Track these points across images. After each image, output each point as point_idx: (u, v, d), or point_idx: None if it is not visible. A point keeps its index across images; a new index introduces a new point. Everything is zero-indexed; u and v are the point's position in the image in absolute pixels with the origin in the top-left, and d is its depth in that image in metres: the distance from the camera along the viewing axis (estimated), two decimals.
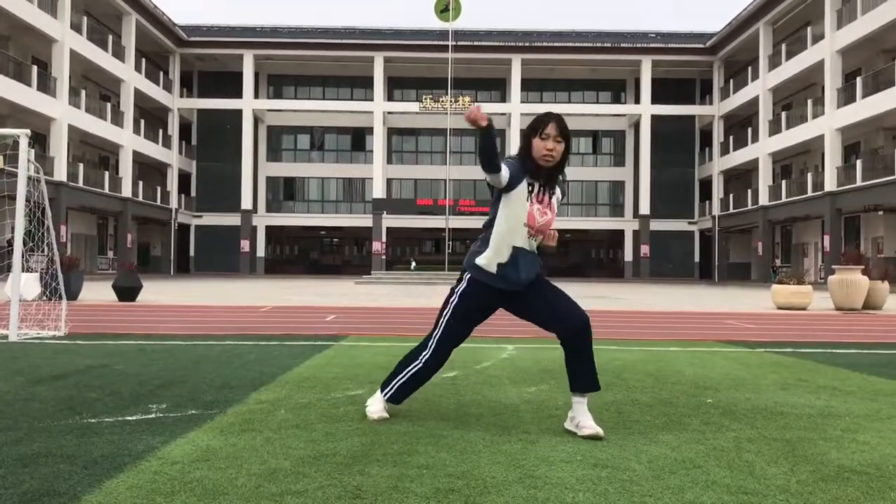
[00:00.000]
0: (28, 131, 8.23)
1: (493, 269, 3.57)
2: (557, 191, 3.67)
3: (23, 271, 15.61)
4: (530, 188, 3.55)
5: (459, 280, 3.72)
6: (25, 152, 8.13)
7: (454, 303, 3.66)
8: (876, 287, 16.82)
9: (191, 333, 8.94)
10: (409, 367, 3.74)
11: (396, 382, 3.76)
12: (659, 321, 12.39)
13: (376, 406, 3.80)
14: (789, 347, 8.11)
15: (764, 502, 2.53)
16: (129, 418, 3.78)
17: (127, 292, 16.14)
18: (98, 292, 18.94)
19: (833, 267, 17.77)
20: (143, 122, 44.71)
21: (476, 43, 48.95)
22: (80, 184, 36.83)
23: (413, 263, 42.51)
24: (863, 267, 17.01)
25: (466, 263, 3.67)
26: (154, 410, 4.00)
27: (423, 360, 3.69)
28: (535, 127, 3.58)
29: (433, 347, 3.68)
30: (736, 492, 2.64)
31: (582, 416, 3.52)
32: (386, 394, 3.78)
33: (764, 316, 14.05)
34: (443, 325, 3.68)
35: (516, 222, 3.54)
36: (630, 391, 4.87)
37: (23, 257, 8.52)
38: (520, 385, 5.07)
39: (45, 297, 13.39)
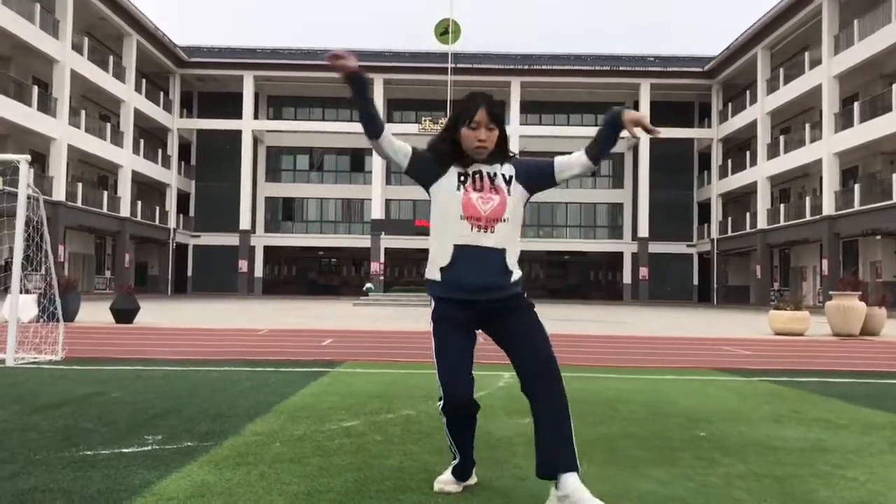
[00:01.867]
0: (28, 157, 8.30)
1: (437, 276, 3.03)
2: (506, 166, 3.12)
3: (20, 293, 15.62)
4: (462, 178, 3.03)
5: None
6: (25, 177, 8.19)
7: (432, 331, 3.10)
8: (873, 313, 16.85)
9: (187, 358, 8.95)
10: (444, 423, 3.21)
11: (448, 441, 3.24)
12: (655, 347, 12.41)
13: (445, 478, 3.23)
14: (785, 376, 8.14)
15: None
16: (126, 450, 3.80)
17: (124, 314, 16.15)
18: (95, 314, 18.94)
19: (830, 293, 17.81)
20: (142, 141, 44.90)
21: (475, 65, 49.26)
22: (79, 203, 36.92)
23: (369, 286, 41.87)
24: (860, 293, 17.05)
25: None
26: (150, 442, 4.02)
27: (440, 410, 3.14)
28: (461, 115, 3.08)
29: (440, 390, 3.08)
30: None
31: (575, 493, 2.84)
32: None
33: (761, 342, 14.07)
34: (434, 361, 3.09)
35: (451, 218, 2.99)
36: (623, 423, 4.90)
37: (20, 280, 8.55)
38: (514, 416, 5.09)
39: (42, 320, 13.42)
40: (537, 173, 3.16)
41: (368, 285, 42.16)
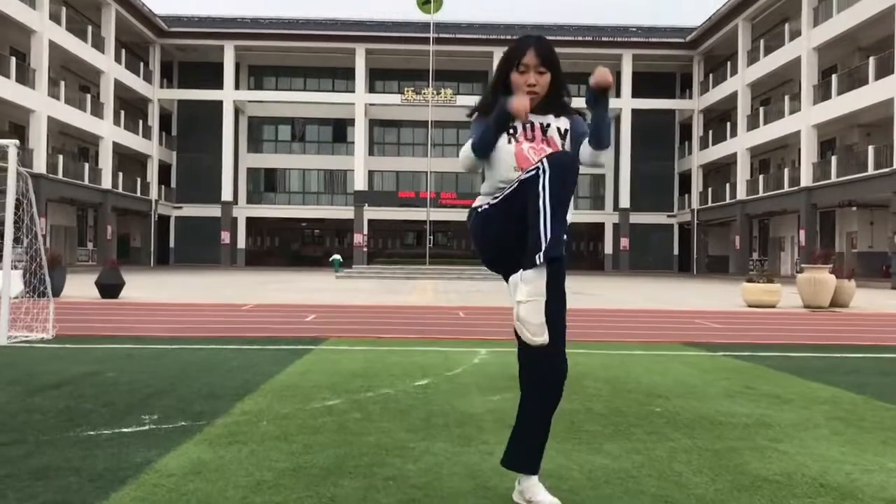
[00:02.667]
0: (17, 141, 8.51)
1: None
2: (562, 119, 3.01)
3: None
4: (512, 129, 2.92)
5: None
6: (14, 161, 8.41)
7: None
8: (843, 286, 17.35)
9: (176, 336, 9.27)
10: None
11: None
12: (628, 320, 12.85)
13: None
14: (748, 350, 8.56)
15: None
16: (126, 430, 4.13)
17: (109, 289, 16.40)
18: (80, 287, 19.15)
19: (802, 266, 18.31)
20: (123, 112, 44.74)
21: (458, 35, 49.24)
22: (60, 175, 36.86)
23: (336, 258, 42.00)
24: (830, 266, 17.56)
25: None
26: (147, 422, 4.36)
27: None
28: (511, 58, 2.96)
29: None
30: (660, 500, 3.05)
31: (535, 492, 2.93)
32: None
33: (732, 314, 14.55)
34: None
35: (506, 171, 2.89)
36: (586, 400, 5.28)
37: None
38: (486, 393, 5.46)
39: (27, 296, 13.69)
40: (578, 142, 2.97)
41: (335, 257, 42.71)
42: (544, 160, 2.74)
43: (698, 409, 5.03)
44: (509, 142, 2.91)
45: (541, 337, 2.70)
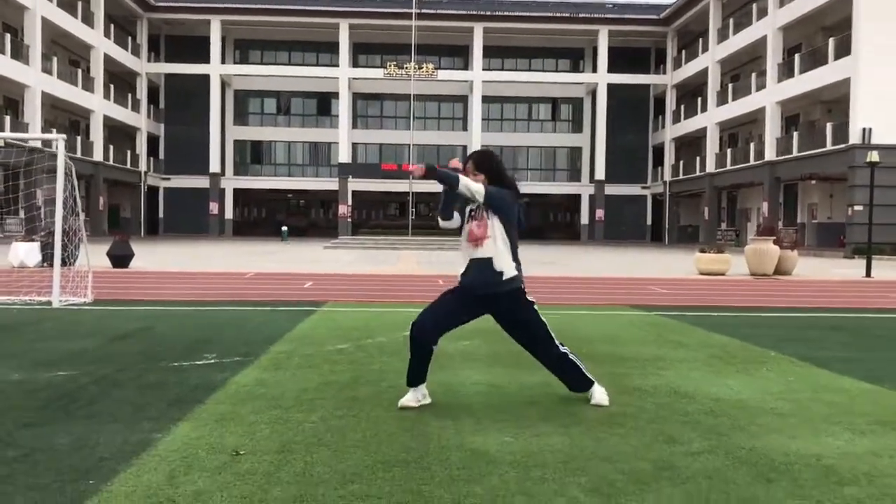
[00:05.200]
0: (64, 136, 10.03)
1: (459, 277, 4.71)
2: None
3: (24, 241, 17.34)
4: (470, 213, 4.59)
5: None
6: (63, 153, 9.93)
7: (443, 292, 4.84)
8: (786, 255, 19.19)
9: (196, 300, 10.89)
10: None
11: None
12: (590, 287, 14.59)
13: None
14: (678, 311, 10.31)
15: (573, 405, 4.64)
16: (198, 363, 5.80)
17: (120, 260, 17.95)
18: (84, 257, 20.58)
19: (749, 238, 20.12)
20: (112, 86, 45.75)
21: (439, 11, 50.42)
22: (53, 149, 37.87)
23: (284, 230, 45.17)
24: (774, 237, 19.38)
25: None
26: (210, 358, 6.02)
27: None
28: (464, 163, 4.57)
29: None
30: (564, 400, 4.75)
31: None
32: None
33: (683, 281, 16.33)
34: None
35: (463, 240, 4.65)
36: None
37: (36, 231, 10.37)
38: (457, 341, 7.09)
39: (44, 265, 15.33)
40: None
41: (284, 228, 44.74)
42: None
43: (613, 350, 6.76)
44: (467, 221, 4.60)
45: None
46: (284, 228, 45.06)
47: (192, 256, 24.34)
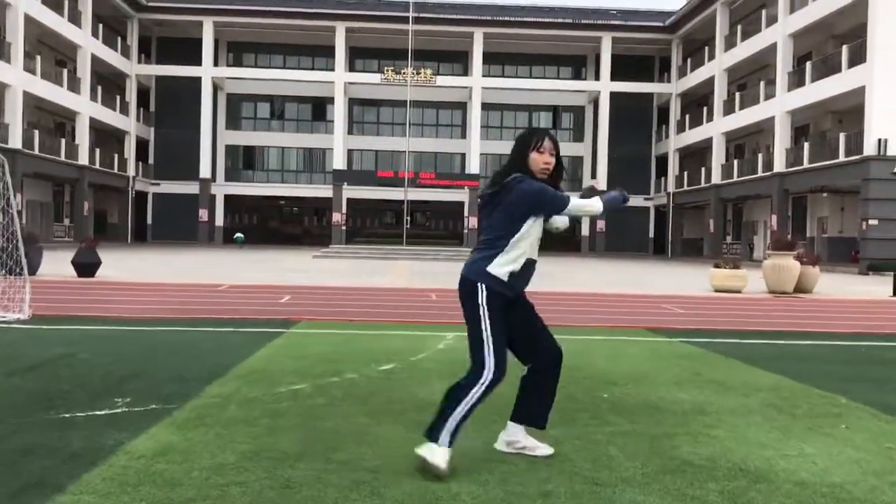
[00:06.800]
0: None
1: (505, 278, 3.61)
2: None
3: None
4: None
5: (471, 292, 3.63)
6: None
7: (485, 314, 3.58)
8: (807, 272, 17.80)
9: (151, 317, 9.46)
10: (467, 398, 3.53)
11: (454, 423, 3.50)
12: (596, 305, 13.17)
13: (439, 457, 3.42)
14: (705, 337, 8.90)
15: (605, 491, 3.23)
16: (99, 413, 4.37)
17: (86, 268, 16.51)
18: (56, 265, 19.18)
19: (767, 252, 18.73)
20: (100, 88, 44.38)
21: (438, 15, 49.15)
22: (36, 151, 36.60)
23: (239, 236, 44.25)
24: (795, 252, 17.99)
25: (474, 271, 3.63)
26: (120, 405, 4.59)
27: (485, 381, 3.53)
28: (529, 142, 3.72)
29: (493, 361, 3.54)
30: (589, 482, 3.34)
31: (525, 440, 3.80)
32: (450, 440, 3.47)
33: (698, 300, 14.93)
34: (489, 336, 3.57)
35: (536, 239, 3.71)
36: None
37: None
38: (445, 380, 5.68)
39: (2, 274, 13.80)
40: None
41: (238, 235, 43.51)
42: None
43: (645, 395, 5.34)
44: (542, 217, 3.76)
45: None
46: (239, 235, 43.91)
47: (170, 265, 22.89)
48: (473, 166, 49.62)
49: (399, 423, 4.30)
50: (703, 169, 46.96)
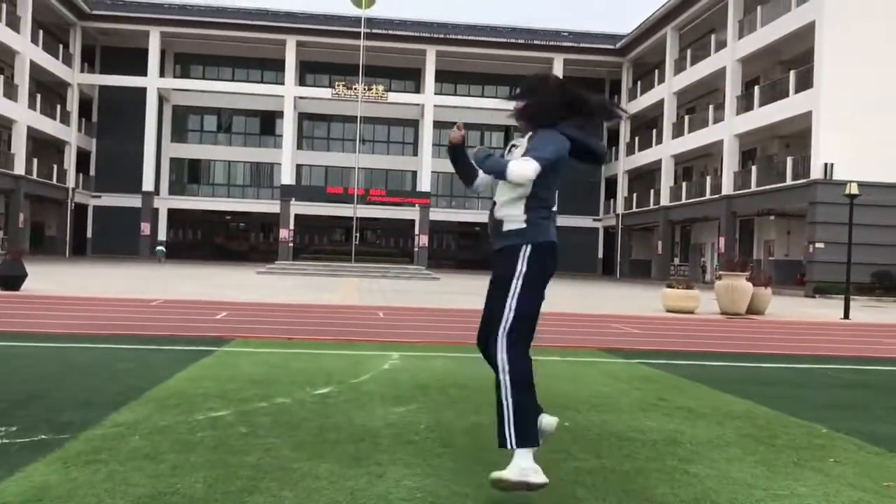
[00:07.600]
0: None
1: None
2: (525, 139, 3.56)
3: None
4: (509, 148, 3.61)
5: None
6: None
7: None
8: (759, 293, 17.63)
9: (69, 333, 8.67)
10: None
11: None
12: (549, 324, 12.67)
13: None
14: (664, 358, 8.45)
15: None
16: None
17: (11, 281, 15.51)
18: None
19: (719, 273, 18.53)
20: (39, 96, 42.82)
21: (391, 31, 48.74)
22: None
23: (160, 249, 43.92)
24: (747, 273, 17.81)
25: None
26: (2, 434, 3.89)
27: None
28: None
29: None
30: None
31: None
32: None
33: (652, 320, 14.56)
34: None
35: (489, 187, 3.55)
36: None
37: None
38: (388, 405, 5.13)
39: None
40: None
41: (159, 248, 42.78)
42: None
43: (609, 423, 4.81)
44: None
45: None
46: (159, 248, 43.10)
47: (104, 279, 21.82)
48: (425, 184, 49.15)
49: (330, 457, 3.69)
50: (651, 191, 47.19)
